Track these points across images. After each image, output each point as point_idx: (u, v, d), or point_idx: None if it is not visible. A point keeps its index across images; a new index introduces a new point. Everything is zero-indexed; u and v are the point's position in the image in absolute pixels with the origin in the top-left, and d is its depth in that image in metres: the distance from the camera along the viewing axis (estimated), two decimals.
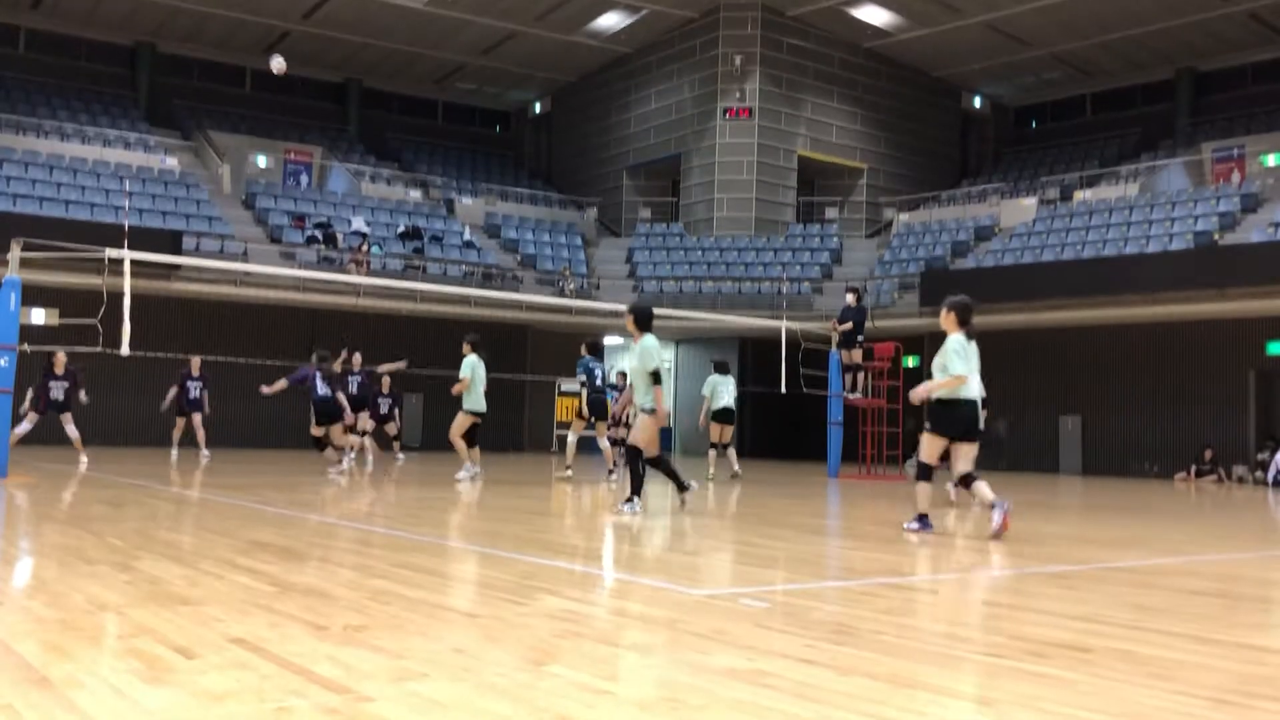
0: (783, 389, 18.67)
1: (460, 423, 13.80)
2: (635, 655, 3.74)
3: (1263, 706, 3.28)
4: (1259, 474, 22.45)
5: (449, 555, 6.73)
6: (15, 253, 12.26)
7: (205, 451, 19.12)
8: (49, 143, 27.79)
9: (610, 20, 31.41)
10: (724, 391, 16.46)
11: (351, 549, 6.61)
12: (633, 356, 9.59)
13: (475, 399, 13.68)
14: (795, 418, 26.15)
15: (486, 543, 7.38)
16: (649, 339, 9.43)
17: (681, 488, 9.90)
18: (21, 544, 6.53)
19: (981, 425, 8.56)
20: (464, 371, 13.58)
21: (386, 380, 19.99)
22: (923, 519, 8.45)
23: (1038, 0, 28.16)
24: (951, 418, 8.33)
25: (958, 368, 8.28)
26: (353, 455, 18.02)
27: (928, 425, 8.47)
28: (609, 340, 32.54)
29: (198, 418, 19.20)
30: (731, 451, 16.51)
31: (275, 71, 14.90)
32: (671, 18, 31.66)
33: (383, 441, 20.16)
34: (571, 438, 15.40)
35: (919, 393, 8.55)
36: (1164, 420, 24.95)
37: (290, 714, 2.85)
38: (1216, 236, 24.32)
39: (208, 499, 10.15)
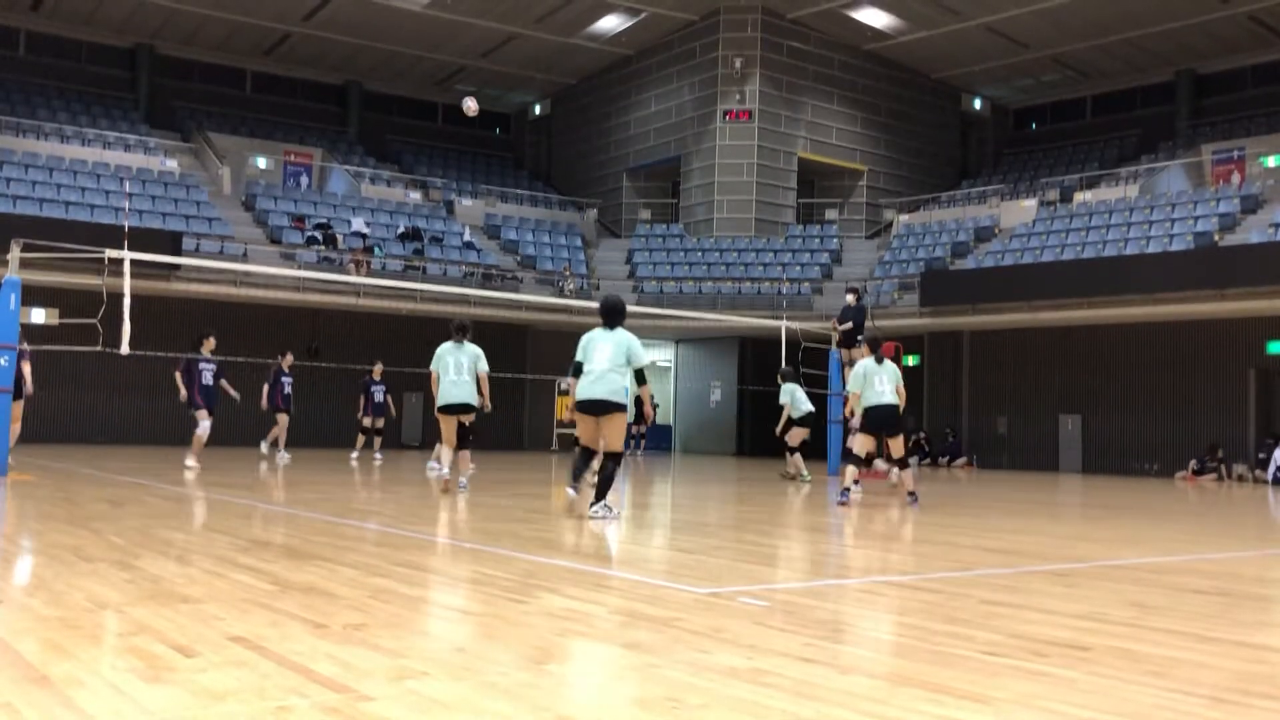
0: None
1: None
2: (635, 654, 3.74)
3: (1261, 705, 3.29)
4: (1259, 472, 22.47)
5: (449, 553, 6.73)
6: (15, 253, 12.28)
7: (267, 448, 18.04)
8: (49, 144, 27.81)
9: (610, 23, 31.42)
10: (804, 397, 16.45)
11: (352, 547, 6.61)
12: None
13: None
14: None
15: (487, 541, 7.38)
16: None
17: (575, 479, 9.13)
18: (21, 542, 6.53)
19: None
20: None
21: (379, 368, 20.08)
22: (845, 492, 11.45)
23: (1037, 3, 28.17)
24: (873, 419, 11.34)
25: (851, 386, 11.49)
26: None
27: (859, 426, 11.56)
28: None
29: (284, 418, 18.17)
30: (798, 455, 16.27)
31: (468, 112, 14.53)
32: (671, 20, 31.67)
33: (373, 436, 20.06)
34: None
35: (846, 414, 11.99)
36: (1164, 419, 24.98)
37: (290, 713, 2.85)
38: (1216, 237, 24.33)
39: (208, 497, 10.15)
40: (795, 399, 16.26)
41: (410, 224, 29.23)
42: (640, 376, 8.89)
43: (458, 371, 11.24)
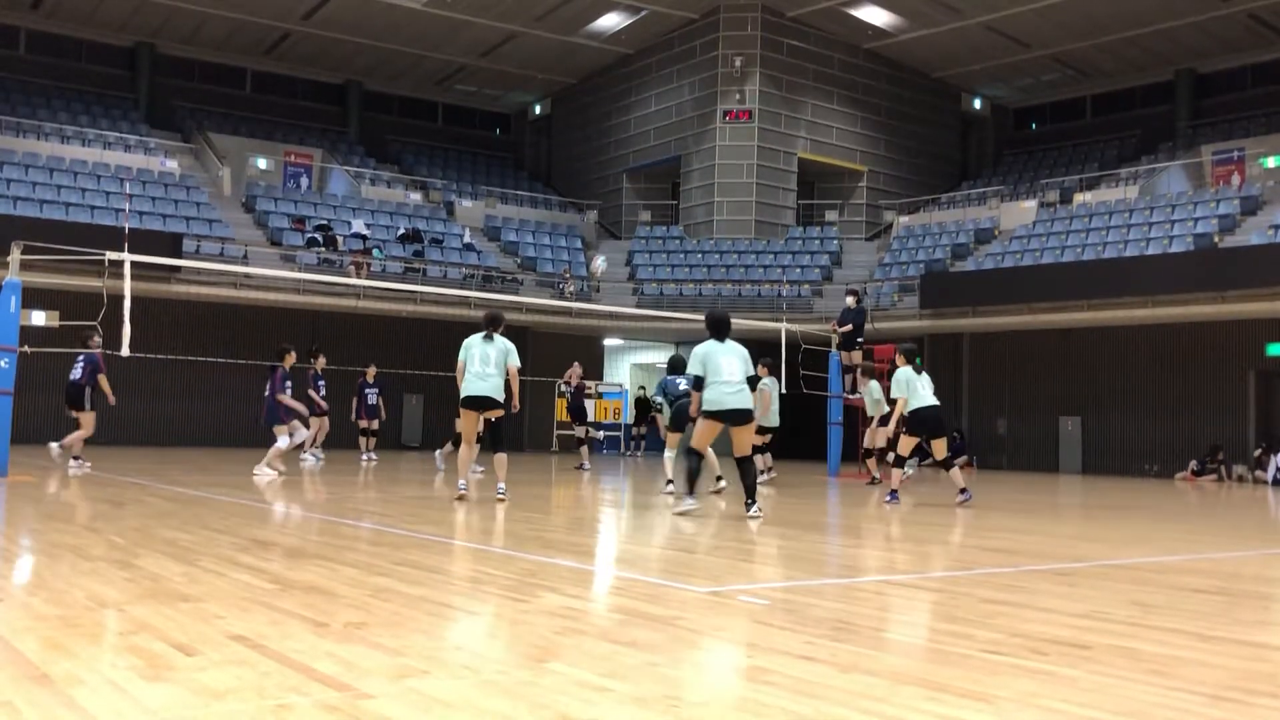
0: (782, 390, 18.67)
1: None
2: (635, 652, 3.74)
3: (1262, 703, 3.28)
4: (1259, 473, 22.46)
5: (450, 553, 6.73)
6: (15, 255, 12.27)
7: (312, 454, 17.27)
8: (49, 145, 27.81)
9: (610, 21, 31.43)
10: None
11: (352, 546, 6.61)
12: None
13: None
14: (795, 418, 26.18)
15: (487, 540, 7.39)
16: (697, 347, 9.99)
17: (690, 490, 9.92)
18: (22, 541, 6.53)
19: None
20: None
21: (372, 370, 19.94)
22: (893, 494, 12.06)
23: (1038, 1, 28.18)
24: (918, 422, 11.95)
25: (895, 393, 12.08)
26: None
27: (904, 429, 12.17)
28: (609, 342, 32.54)
29: (325, 420, 17.81)
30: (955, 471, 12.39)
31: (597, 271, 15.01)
32: (671, 19, 31.68)
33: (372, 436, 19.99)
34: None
35: (891, 425, 12.66)
36: (1164, 421, 24.98)
37: (290, 711, 2.85)
38: (1216, 239, 24.33)
39: (208, 497, 10.14)
40: (913, 392, 11.95)
41: (410, 225, 29.24)
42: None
43: (484, 364, 10.47)
